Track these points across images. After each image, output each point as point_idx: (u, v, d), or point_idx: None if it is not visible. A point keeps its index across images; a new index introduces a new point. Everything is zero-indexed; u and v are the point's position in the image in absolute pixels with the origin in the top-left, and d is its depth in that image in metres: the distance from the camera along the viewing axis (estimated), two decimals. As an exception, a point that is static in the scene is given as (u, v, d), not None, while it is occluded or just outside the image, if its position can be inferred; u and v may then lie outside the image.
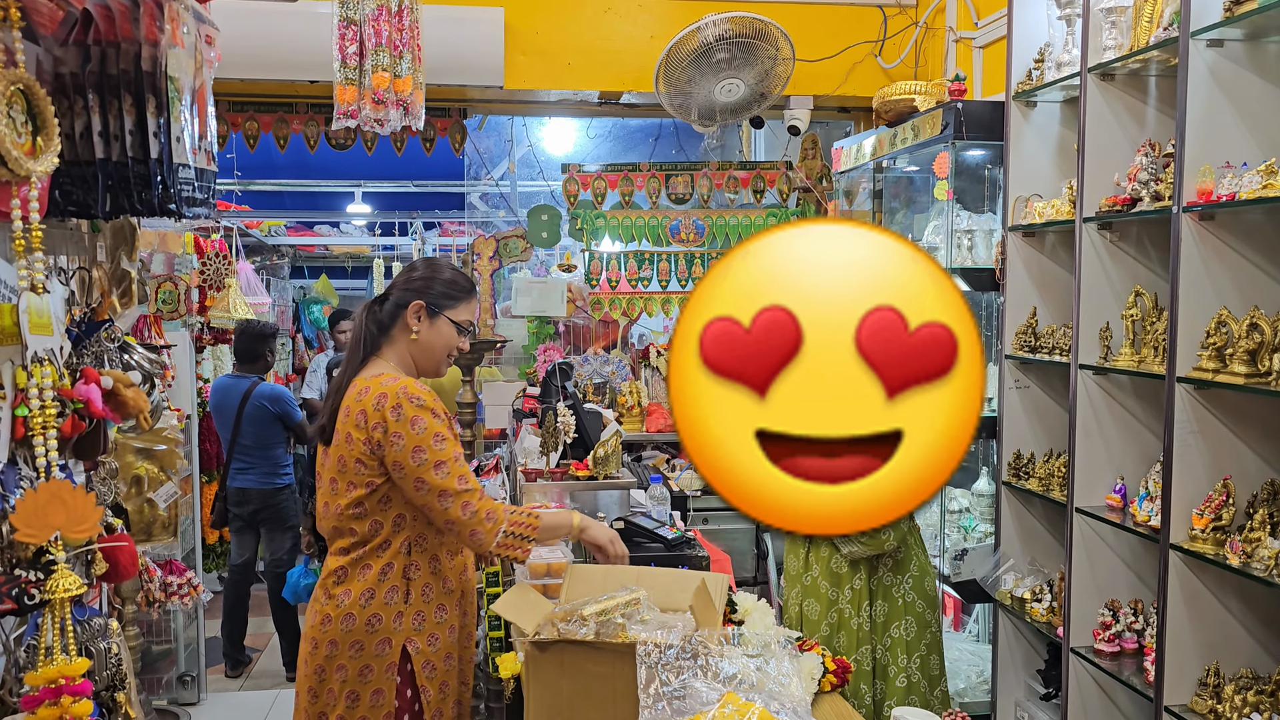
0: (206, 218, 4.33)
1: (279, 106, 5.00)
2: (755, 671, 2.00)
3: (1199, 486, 2.54)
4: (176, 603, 3.63)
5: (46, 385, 1.72)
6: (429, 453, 2.07)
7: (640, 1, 4.87)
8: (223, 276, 4.87)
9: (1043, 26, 3.37)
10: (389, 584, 2.15)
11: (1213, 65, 2.47)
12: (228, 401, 4.98)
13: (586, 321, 5.68)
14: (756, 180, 5.31)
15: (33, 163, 1.68)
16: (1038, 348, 3.29)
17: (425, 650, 2.19)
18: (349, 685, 2.16)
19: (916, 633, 2.59)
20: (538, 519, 2.18)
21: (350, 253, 8.84)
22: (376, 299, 2.33)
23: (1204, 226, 2.50)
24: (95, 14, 1.86)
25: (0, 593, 1.64)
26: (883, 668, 2.59)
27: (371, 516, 2.14)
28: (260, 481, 4.96)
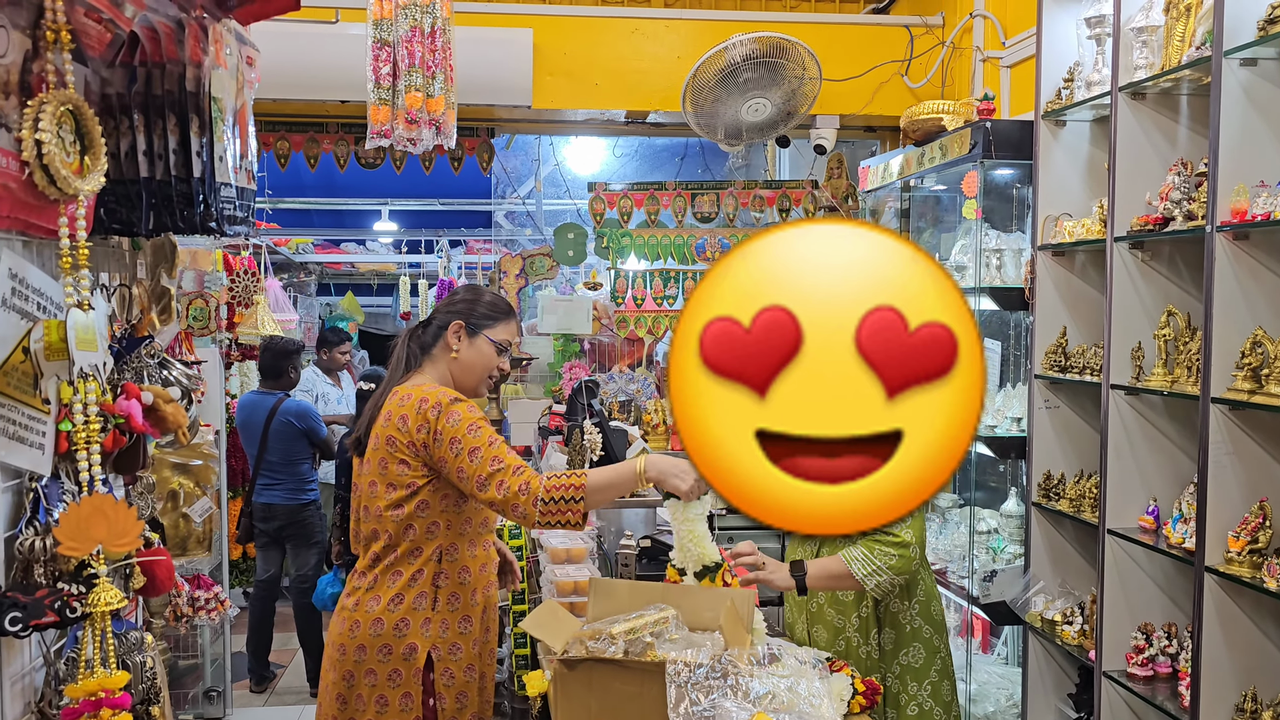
0: (246, 236, 4.39)
1: (310, 126, 5.06)
2: (785, 692, 2.00)
3: (1234, 508, 2.51)
4: (204, 618, 3.65)
5: (91, 400, 1.75)
6: (464, 442, 2.10)
7: (667, 22, 4.91)
8: (251, 294, 4.92)
9: (1072, 46, 3.37)
10: (418, 589, 2.18)
11: (1246, 84, 2.46)
12: (254, 417, 5.03)
13: (612, 339, 5.69)
14: (782, 199, 5.32)
15: (80, 181, 1.71)
16: (1068, 367, 3.27)
17: (446, 658, 2.20)
18: (379, 689, 2.18)
19: (925, 659, 2.57)
20: (583, 477, 2.09)
21: (376, 270, 8.91)
22: (420, 324, 2.40)
23: (1238, 246, 2.48)
24: (142, 36, 1.90)
25: (43, 605, 1.66)
26: (894, 696, 2.57)
27: (408, 521, 2.17)
28: (286, 497, 5.00)
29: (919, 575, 2.57)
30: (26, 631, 1.67)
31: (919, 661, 2.54)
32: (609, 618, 2.13)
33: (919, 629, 2.55)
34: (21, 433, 1.73)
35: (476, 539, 2.27)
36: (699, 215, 5.30)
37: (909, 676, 2.53)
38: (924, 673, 2.54)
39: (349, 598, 2.23)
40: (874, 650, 2.54)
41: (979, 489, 3.98)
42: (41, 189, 1.67)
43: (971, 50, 4.58)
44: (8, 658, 1.77)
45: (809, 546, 2.61)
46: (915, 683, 2.54)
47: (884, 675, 2.54)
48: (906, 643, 2.54)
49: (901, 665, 2.54)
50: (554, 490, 2.05)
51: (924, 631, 2.55)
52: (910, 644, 2.53)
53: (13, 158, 1.64)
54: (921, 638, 2.55)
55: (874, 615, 2.54)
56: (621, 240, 5.29)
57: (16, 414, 1.72)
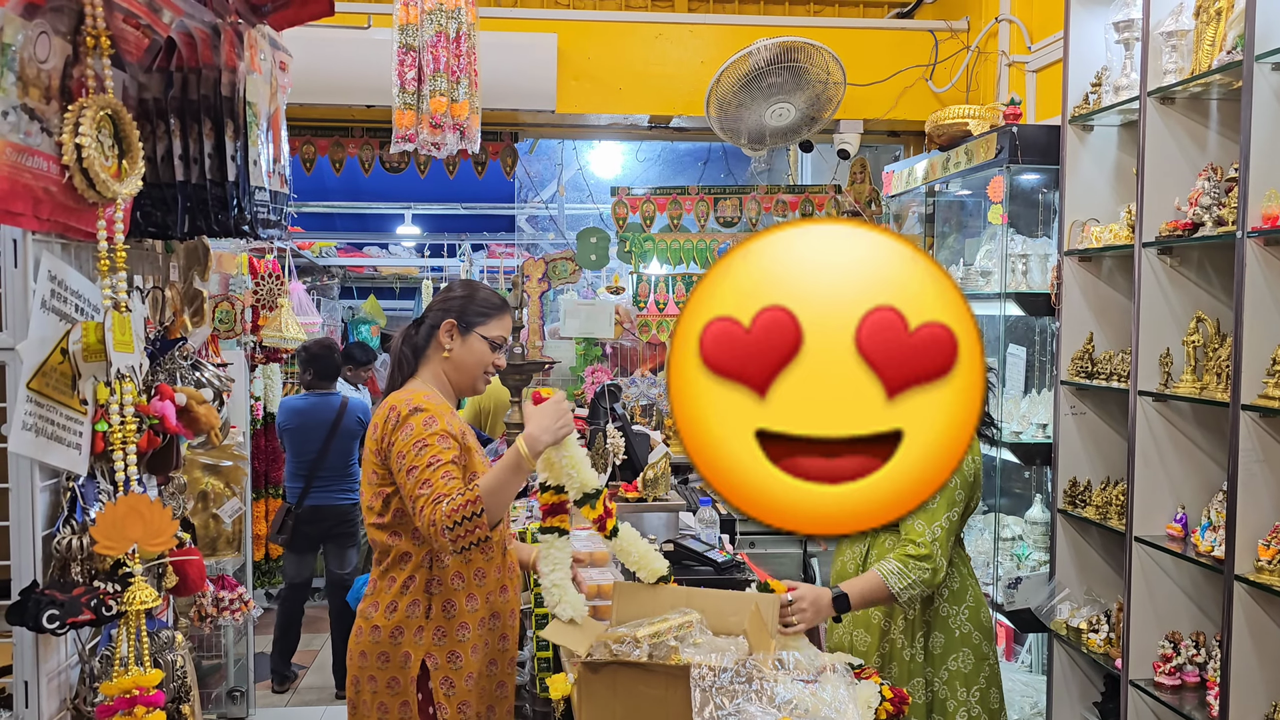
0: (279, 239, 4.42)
1: (335, 130, 5.10)
2: (810, 697, 1.99)
3: (1264, 516, 2.49)
4: (228, 618, 3.68)
5: (127, 401, 1.77)
6: (407, 458, 2.05)
7: (691, 27, 4.92)
8: (276, 297, 4.96)
9: (1099, 50, 3.35)
10: (410, 597, 2.17)
11: (1277, 88, 2.45)
12: (315, 419, 5.02)
13: (634, 343, 5.70)
14: (805, 204, 5.32)
15: (118, 185, 1.74)
16: (1094, 374, 3.25)
17: (445, 666, 2.18)
18: (379, 696, 2.18)
19: (974, 665, 2.54)
20: (475, 489, 1.97)
21: (398, 274, 8.96)
22: (413, 324, 2.36)
23: (1269, 251, 2.46)
24: (178, 41, 1.93)
25: (80, 603, 1.68)
26: (941, 702, 2.54)
27: (392, 528, 2.17)
28: (340, 498, 5.03)
29: (967, 581, 2.55)
30: (64, 629, 1.69)
31: (968, 667, 2.51)
32: (633, 621, 2.13)
33: (968, 634, 2.52)
34: (60, 433, 1.75)
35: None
36: (721, 220, 5.30)
37: (958, 682, 2.50)
38: (973, 679, 2.51)
39: (363, 603, 2.26)
40: (919, 654, 2.52)
41: (1004, 495, 3.95)
42: (81, 192, 1.69)
43: (997, 55, 4.56)
44: (44, 654, 1.79)
45: (858, 547, 2.60)
46: (964, 689, 2.51)
47: (930, 681, 2.52)
48: (955, 648, 2.51)
49: (950, 671, 2.51)
50: (454, 514, 1.94)
51: (973, 637, 2.53)
52: (959, 649, 2.51)
53: (53, 161, 1.66)
54: (971, 643, 2.52)
55: (920, 618, 2.52)
56: (644, 244, 5.30)
57: (55, 414, 1.74)
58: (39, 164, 1.64)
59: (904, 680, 2.49)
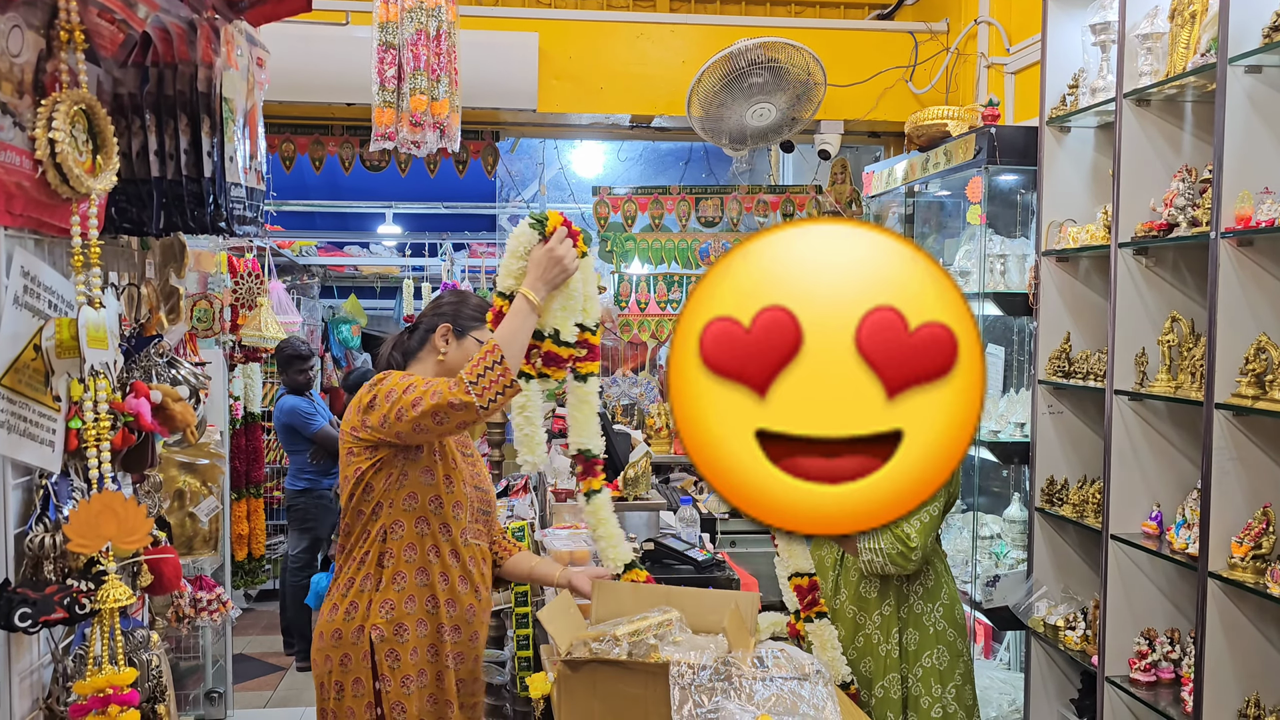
0: (255, 236, 4.41)
1: (315, 128, 5.08)
2: (789, 695, 2.00)
3: (1238, 514, 2.51)
4: (206, 619, 3.65)
5: (101, 398, 1.76)
6: (396, 389, 2.11)
7: (672, 27, 4.92)
8: (255, 296, 4.94)
9: (1076, 53, 3.38)
10: (365, 571, 2.21)
11: (1251, 91, 2.47)
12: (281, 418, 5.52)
13: (615, 343, 5.70)
14: (786, 204, 5.33)
15: (92, 180, 1.72)
16: (1071, 373, 3.28)
17: (390, 639, 2.19)
18: (334, 675, 2.21)
19: (949, 662, 2.56)
20: (490, 342, 2.07)
21: (379, 273, 8.93)
22: (406, 329, 2.41)
23: (1242, 252, 2.49)
24: (154, 36, 1.91)
25: (52, 602, 1.66)
26: (914, 699, 2.56)
27: (357, 507, 2.22)
28: (289, 483, 5.58)
29: (942, 578, 2.57)
30: (36, 628, 1.67)
31: (943, 664, 2.53)
32: (613, 619, 2.13)
33: (943, 631, 2.54)
34: (32, 430, 1.73)
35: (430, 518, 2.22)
36: (703, 220, 5.31)
37: (932, 679, 2.52)
38: (948, 676, 2.53)
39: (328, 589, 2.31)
40: (894, 650, 2.53)
41: (982, 494, 3.98)
42: (54, 188, 1.67)
43: (976, 56, 4.59)
44: (16, 654, 1.77)
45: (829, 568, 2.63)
46: (939, 685, 2.53)
47: (905, 677, 2.53)
48: (930, 645, 2.53)
49: (925, 668, 2.53)
50: (475, 368, 2.03)
51: (948, 634, 2.55)
52: (934, 646, 2.53)
53: (26, 156, 1.65)
54: (945, 640, 2.54)
55: (895, 614, 2.53)
56: (625, 244, 5.30)
57: (27, 411, 1.72)
58: (12, 159, 1.63)
59: (879, 675, 2.51)
